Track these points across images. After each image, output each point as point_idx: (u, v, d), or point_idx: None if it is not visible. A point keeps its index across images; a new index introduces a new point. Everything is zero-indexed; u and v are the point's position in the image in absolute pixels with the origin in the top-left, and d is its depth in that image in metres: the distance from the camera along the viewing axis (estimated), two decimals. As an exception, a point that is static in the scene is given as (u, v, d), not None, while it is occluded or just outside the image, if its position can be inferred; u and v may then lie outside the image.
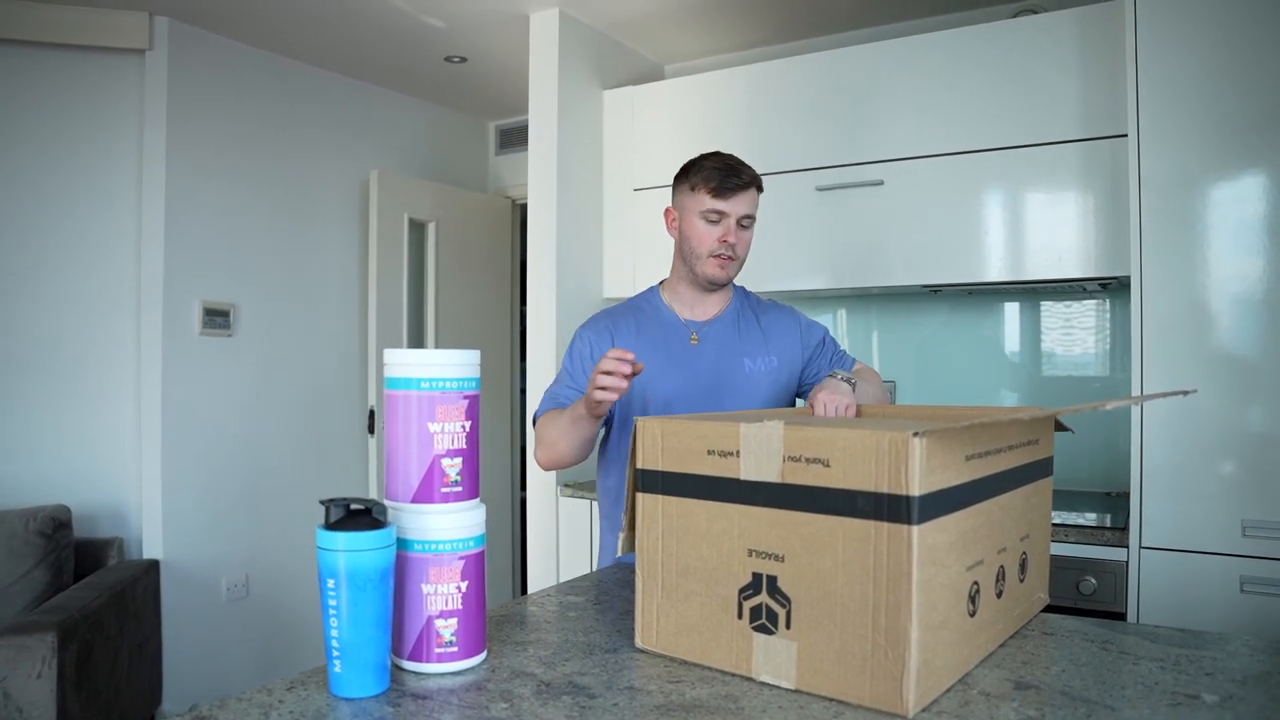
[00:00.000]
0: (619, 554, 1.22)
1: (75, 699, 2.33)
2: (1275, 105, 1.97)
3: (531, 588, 3.07)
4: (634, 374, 1.41)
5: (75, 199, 3.13)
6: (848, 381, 1.52)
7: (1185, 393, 1.21)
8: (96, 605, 2.52)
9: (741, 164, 1.70)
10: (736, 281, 1.84)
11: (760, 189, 1.72)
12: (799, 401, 1.84)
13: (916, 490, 0.87)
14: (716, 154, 1.71)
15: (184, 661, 3.15)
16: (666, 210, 1.77)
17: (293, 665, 3.36)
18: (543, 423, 1.70)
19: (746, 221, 1.70)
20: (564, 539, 2.95)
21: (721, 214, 1.67)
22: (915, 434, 0.86)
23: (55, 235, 3.11)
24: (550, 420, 1.67)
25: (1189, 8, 2.06)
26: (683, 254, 1.75)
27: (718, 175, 1.66)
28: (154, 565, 3.04)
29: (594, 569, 1.75)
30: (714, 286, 1.75)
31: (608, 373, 1.40)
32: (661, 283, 1.84)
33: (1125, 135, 2.16)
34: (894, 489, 0.88)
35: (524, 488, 3.66)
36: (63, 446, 3.11)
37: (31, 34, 2.99)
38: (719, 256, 1.69)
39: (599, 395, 1.41)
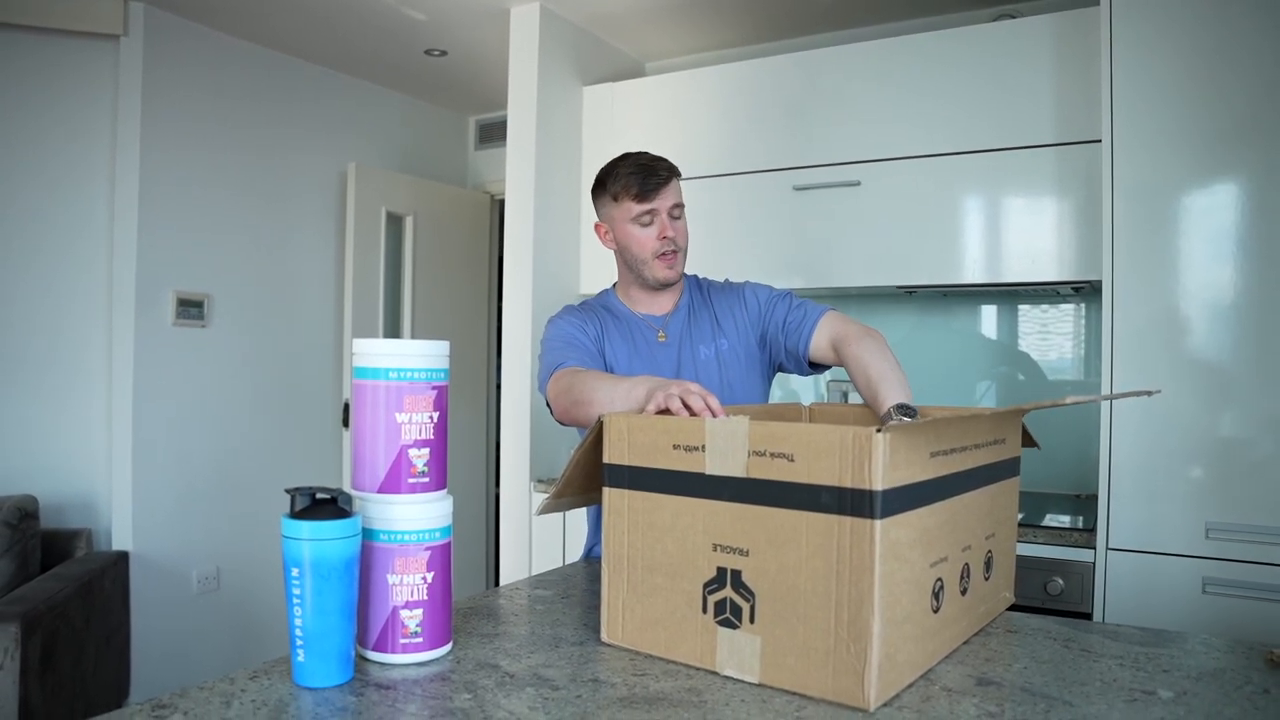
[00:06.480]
0: (536, 514, 1.20)
1: (38, 690, 2.31)
2: (1247, 116, 2.00)
3: (504, 581, 3.07)
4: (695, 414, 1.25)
5: (46, 187, 3.09)
6: (907, 415, 1.35)
7: (1149, 393, 1.22)
8: (62, 596, 2.49)
9: (656, 159, 1.66)
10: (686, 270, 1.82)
11: (679, 176, 1.68)
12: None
13: (879, 485, 0.88)
14: (626, 157, 1.68)
15: (154, 654, 3.12)
16: (596, 225, 1.73)
17: (265, 658, 3.30)
18: (584, 378, 1.49)
19: (677, 211, 1.67)
20: (536, 533, 2.95)
21: (652, 212, 1.64)
22: (879, 429, 0.87)
23: (26, 223, 3.07)
24: (599, 380, 1.46)
25: (1163, 17, 2.08)
26: (627, 263, 1.71)
27: (637, 179, 1.63)
28: (123, 557, 3.01)
29: (564, 563, 1.75)
30: (665, 286, 1.71)
31: (700, 401, 1.23)
32: (614, 285, 1.81)
33: (1099, 141, 2.18)
34: (857, 484, 0.89)
35: (498, 482, 3.65)
36: (31, 437, 3.07)
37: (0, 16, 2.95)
38: (663, 255, 1.66)
39: (675, 405, 1.23)
